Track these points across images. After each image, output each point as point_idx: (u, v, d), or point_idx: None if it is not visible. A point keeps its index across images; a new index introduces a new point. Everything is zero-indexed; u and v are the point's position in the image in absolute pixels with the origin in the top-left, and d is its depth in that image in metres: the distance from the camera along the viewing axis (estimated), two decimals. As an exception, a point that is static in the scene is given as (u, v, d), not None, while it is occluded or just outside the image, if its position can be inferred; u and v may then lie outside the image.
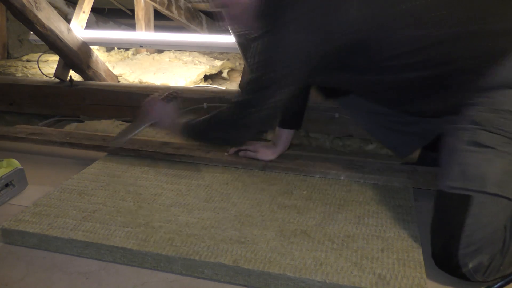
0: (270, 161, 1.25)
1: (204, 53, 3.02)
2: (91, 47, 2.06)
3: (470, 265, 0.82)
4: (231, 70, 2.87)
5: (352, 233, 0.94)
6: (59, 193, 1.12)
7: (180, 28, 3.17)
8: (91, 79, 2.07)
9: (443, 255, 0.86)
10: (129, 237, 0.93)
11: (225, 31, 1.62)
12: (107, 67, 2.22)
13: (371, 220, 0.99)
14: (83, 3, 2.12)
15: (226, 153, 1.31)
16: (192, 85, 2.44)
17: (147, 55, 2.99)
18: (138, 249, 0.89)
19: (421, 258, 0.86)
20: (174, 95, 1.24)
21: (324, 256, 0.86)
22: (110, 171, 1.25)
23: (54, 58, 2.64)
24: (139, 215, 1.02)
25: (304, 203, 1.07)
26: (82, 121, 1.82)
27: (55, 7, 2.81)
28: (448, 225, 0.85)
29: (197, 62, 2.80)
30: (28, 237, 0.96)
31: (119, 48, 3.17)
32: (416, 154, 1.31)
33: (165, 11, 2.67)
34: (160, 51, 3.07)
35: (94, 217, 1.01)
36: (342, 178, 1.19)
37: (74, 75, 2.00)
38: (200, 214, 1.02)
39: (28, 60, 2.99)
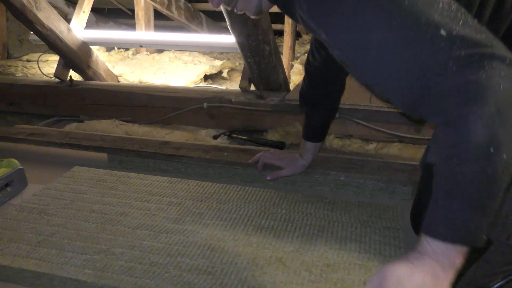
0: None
1: (204, 53, 3.02)
2: (91, 47, 2.06)
3: None
4: (231, 70, 2.88)
5: (333, 261, 0.86)
6: (17, 212, 1.04)
7: (180, 28, 3.17)
8: (91, 79, 2.08)
9: None
10: (86, 266, 0.85)
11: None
12: (107, 67, 2.22)
13: (354, 246, 0.91)
14: (83, 3, 2.12)
15: (225, 154, 1.31)
16: (192, 85, 2.44)
17: (147, 55, 3.00)
18: (93, 281, 0.81)
19: None
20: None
21: None
22: (76, 187, 1.17)
23: (54, 58, 2.65)
24: (100, 239, 0.94)
25: (283, 224, 0.99)
26: (82, 121, 1.82)
27: (55, 7, 2.81)
28: None
29: (197, 62, 2.80)
30: None
31: (119, 48, 3.17)
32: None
33: (165, 11, 2.67)
34: (160, 51, 3.07)
35: (51, 241, 0.93)
36: (342, 178, 1.19)
37: (74, 75, 2.00)
38: (167, 238, 0.94)
39: (28, 60, 2.99)
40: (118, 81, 2.38)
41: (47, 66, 2.69)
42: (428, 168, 0.96)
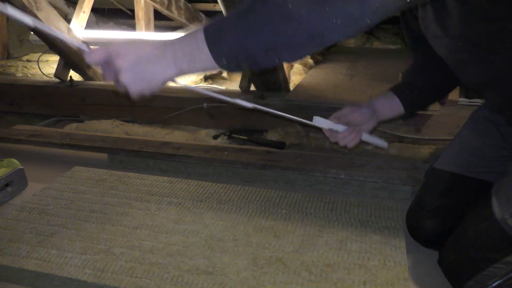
0: (270, 160, 1.25)
1: (204, 53, 3.02)
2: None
3: None
4: (231, 70, 2.87)
5: (333, 261, 0.87)
6: (17, 212, 1.05)
7: (180, 28, 3.17)
8: (91, 79, 2.08)
9: (449, 275, 0.83)
10: (86, 266, 0.85)
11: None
12: (107, 67, 2.22)
13: (354, 245, 0.92)
14: (83, 3, 2.12)
15: (225, 153, 1.31)
16: (192, 85, 2.44)
17: (147, 55, 2.99)
18: (93, 281, 0.81)
19: None
20: None
21: None
22: (76, 186, 1.18)
23: (54, 58, 2.64)
24: (100, 239, 0.94)
25: (283, 224, 0.99)
26: (82, 121, 1.82)
27: (55, 7, 2.81)
28: (474, 253, 0.78)
29: (197, 62, 2.79)
30: None
31: (119, 48, 3.17)
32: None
33: (165, 11, 2.67)
34: (160, 51, 3.06)
35: (51, 241, 0.93)
36: (342, 176, 1.19)
37: (74, 75, 2.00)
38: (167, 238, 0.94)
39: (28, 60, 2.99)
40: (118, 81, 2.38)
41: (47, 66, 2.68)
42: (433, 173, 0.96)
